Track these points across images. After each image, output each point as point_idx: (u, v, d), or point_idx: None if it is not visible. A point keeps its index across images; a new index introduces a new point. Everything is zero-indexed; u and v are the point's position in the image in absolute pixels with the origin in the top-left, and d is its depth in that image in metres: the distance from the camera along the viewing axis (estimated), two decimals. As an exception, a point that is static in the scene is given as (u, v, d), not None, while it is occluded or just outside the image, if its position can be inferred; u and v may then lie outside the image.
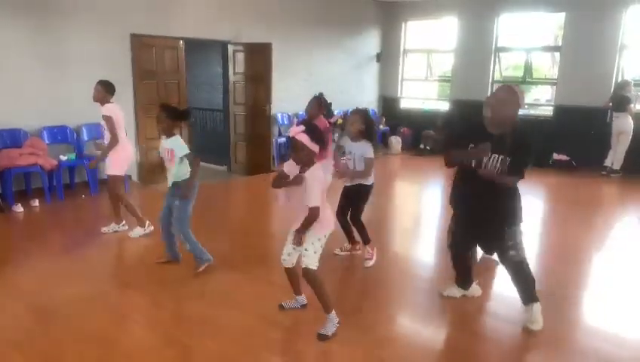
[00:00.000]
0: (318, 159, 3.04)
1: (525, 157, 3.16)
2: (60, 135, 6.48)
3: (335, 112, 10.06)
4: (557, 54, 9.71)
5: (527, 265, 3.27)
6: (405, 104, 11.71)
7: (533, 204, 6.77)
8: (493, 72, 10.14)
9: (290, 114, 9.48)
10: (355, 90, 10.97)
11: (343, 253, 4.54)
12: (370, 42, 11.27)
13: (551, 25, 10.66)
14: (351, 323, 3.25)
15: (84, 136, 6.61)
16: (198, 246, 4.02)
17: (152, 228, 4.93)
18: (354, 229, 4.40)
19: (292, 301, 3.46)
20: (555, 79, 9.68)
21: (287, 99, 9.15)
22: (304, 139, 2.88)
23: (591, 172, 8.55)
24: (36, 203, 5.96)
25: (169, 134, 3.91)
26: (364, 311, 3.56)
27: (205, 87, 11.66)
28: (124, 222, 5.10)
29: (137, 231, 4.96)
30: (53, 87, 6.38)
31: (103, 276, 4.12)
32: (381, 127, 11.12)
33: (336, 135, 9.51)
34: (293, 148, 2.94)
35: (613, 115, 8.44)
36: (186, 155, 3.88)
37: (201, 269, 4.01)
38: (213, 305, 3.55)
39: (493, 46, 10.02)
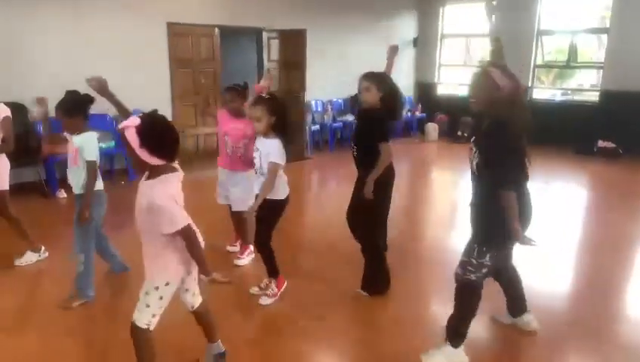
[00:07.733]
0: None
1: (495, 156, 2.50)
2: (100, 123, 6.57)
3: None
4: (604, 36, 9.28)
5: (470, 293, 2.64)
6: (442, 90, 11.47)
7: (576, 192, 6.48)
8: (535, 56, 9.79)
9: (324, 100, 9.45)
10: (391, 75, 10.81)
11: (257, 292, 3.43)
12: (407, 27, 11.06)
13: (597, 5, 10.15)
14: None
15: (123, 124, 6.77)
16: (91, 278, 3.32)
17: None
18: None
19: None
20: (601, 63, 9.25)
21: (322, 85, 9.10)
22: (132, 139, 2.03)
23: (639, 160, 8.19)
24: (78, 189, 6.16)
25: (76, 132, 3.19)
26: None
27: (239, 74, 11.70)
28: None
29: (29, 257, 3.99)
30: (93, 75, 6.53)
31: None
32: (417, 113, 10.96)
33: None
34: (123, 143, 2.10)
35: (664, 99, 8.05)
36: (88, 162, 3.15)
37: (75, 304, 3.24)
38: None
39: (536, 29, 9.66)
